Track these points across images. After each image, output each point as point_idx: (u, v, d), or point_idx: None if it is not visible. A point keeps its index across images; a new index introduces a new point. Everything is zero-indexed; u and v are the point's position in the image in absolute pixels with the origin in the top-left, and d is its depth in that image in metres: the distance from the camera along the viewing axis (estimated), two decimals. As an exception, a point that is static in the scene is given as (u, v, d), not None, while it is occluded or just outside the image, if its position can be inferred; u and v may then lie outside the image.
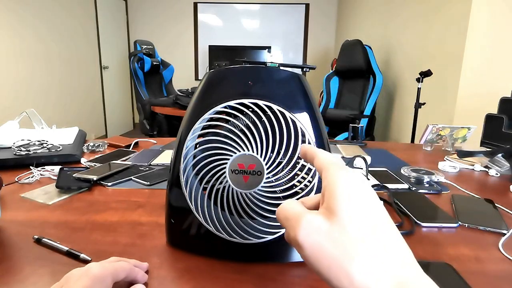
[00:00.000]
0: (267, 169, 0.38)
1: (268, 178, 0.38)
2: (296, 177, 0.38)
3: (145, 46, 3.90)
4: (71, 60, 3.91)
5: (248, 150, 0.38)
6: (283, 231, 0.39)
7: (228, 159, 0.38)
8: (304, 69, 1.20)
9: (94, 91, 4.45)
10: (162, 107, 3.32)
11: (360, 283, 0.19)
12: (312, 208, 0.26)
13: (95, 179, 0.68)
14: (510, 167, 0.81)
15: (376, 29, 3.53)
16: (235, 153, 0.38)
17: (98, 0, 4.38)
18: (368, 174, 0.76)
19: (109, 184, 0.69)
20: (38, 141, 0.91)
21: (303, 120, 0.39)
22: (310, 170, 0.38)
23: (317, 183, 0.38)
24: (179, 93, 3.41)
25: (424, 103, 2.20)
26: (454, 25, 2.05)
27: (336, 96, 3.35)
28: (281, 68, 0.44)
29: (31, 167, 0.77)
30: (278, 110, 0.38)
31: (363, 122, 2.82)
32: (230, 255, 0.42)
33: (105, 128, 4.75)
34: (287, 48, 5.46)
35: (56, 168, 0.75)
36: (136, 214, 0.56)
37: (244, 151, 0.38)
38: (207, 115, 0.39)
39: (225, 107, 0.39)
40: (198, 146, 0.41)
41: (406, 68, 2.78)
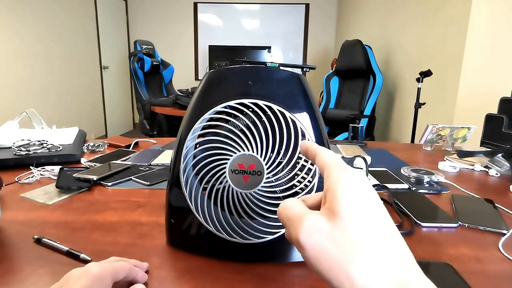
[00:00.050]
0: (267, 169, 0.38)
1: (268, 178, 0.38)
2: (296, 177, 0.38)
3: (145, 46, 3.91)
4: (71, 60, 3.91)
5: (248, 150, 0.38)
6: (283, 231, 0.39)
7: (228, 159, 0.38)
8: (304, 69, 1.20)
9: (94, 91, 4.45)
10: (162, 107, 3.32)
11: (360, 283, 0.19)
12: (313, 207, 0.26)
13: (95, 179, 0.68)
14: (510, 167, 0.81)
15: (376, 29, 3.53)
16: (235, 153, 0.38)
17: (98, 0, 4.39)
18: (368, 174, 0.76)
19: (109, 184, 0.69)
20: (38, 141, 0.91)
21: (303, 120, 0.39)
22: (310, 170, 0.38)
23: (317, 183, 0.38)
24: (179, 93, 3.41)
25: (424, 103, 2.20)
26: (454, 25, 2.05)
27: (336, 96, 3.35)
28: (281, 68, 0.44)
29: (31, 167, 0.77)
30: (278, 110, 0.38)
31: (363, 122, 2.82)
32: (230, 255, 0.42)
33: (105, 128, 4.75)
34: (287, 48, 5.46)
35: (56, 168, 0.75)
36: (136, 214, 0.56)
37: (244, 151, 0.38)
38: (207, 115, 0.39)
39: (225, 107, 0.39)
40: (198, 146, 0.41)
41: (406, 68, 2.78)
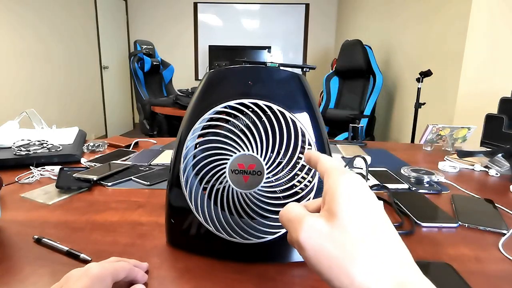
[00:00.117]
0: (267, 169, 0.38)
1: (268, 178, 0.38)
2: (296, 177, 0.38)
3: (145, 46, 3.91)
4: (71, 60, 3.91)
5: (248, 150, 0.38)
6: (283, 231, 0.39)
7: (228, 159, 0.38)
8: (304, 69, 1.19)
9: (94, 91, 4.45)
10: (162, 107, 3.32)
11: (360, 283, 0.19)
12: (315, 212, 0.26)
13: (95, 179, 0.68)
14: (510, 167, 0.81)
15: (376, 29, 3.53)
16: (235, 153, 0.38)
17: (98, 0, 4.39)
18: (368, 174, 0.76)
19: (109, 184, 0.69)
20: (38, 141, 0.91)
21: (303, 120, 0.39)
22: (310, 170, 0.38)
23: (317, 183, 0.38)
24: (179, 93, 3.41)
25: (424, 103, 2.20)
26: (454, 25, 2.05)
27: (336, 96, 3.35)
28: (281, 68, 0.44)
29: (31, 167, 0.77)
30: (278, 110, 0.38)
31: (363, 122, 2.82)
32: (230, 255, 0.42)
33: (105, 128, 4.75)
34: (287, 48, 5.46)
35: (56, 168, 0.75)
36: (136, 214, 0.56)
37: (244, 151, 0.38)
38: (207, 115, 0.39)
39: (225, 107, 0.39)
40: (198, 146, 0.41)
41: (406, 68, 2.78)
